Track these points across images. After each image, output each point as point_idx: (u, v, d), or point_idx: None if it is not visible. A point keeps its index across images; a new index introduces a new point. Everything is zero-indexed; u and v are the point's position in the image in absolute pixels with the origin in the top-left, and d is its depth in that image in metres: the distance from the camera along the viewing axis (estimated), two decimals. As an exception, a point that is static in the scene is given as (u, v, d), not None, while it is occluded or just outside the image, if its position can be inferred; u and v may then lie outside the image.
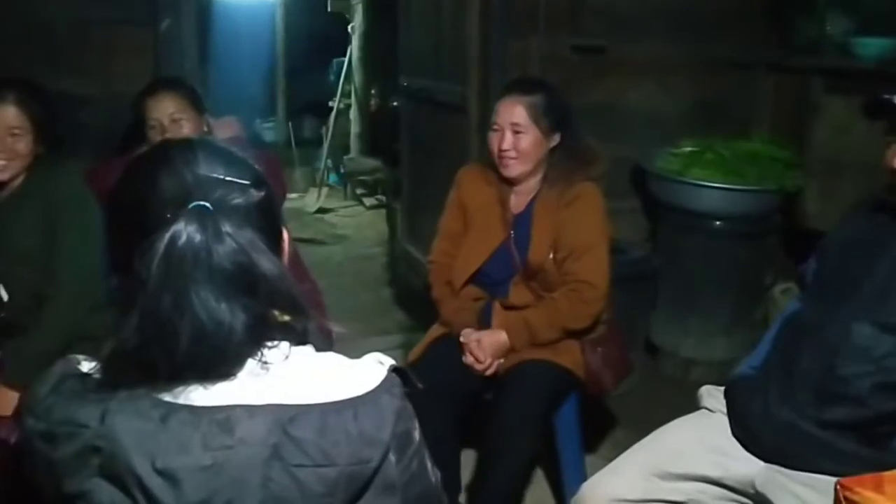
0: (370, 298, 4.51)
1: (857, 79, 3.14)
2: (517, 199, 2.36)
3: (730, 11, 3.55)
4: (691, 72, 3.58)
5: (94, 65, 2.91)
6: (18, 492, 0.97)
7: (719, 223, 3.27)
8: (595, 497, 1.80)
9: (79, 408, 0.91)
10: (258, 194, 0.97)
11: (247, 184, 0.97)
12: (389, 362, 1.02)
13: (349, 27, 7.13)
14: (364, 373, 0.98)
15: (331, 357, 1.00)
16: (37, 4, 2.83)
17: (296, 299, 0.97)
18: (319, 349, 1.01)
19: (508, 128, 2.25)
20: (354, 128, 7.38)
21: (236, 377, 0.93)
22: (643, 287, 3.26)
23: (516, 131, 2.25)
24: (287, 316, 0.98)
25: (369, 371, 0.99)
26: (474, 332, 2.28)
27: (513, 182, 2.33)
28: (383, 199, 6.41)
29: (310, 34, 8.24)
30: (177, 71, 2.80)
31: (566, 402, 2.34)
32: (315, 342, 1.01)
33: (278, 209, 1.04)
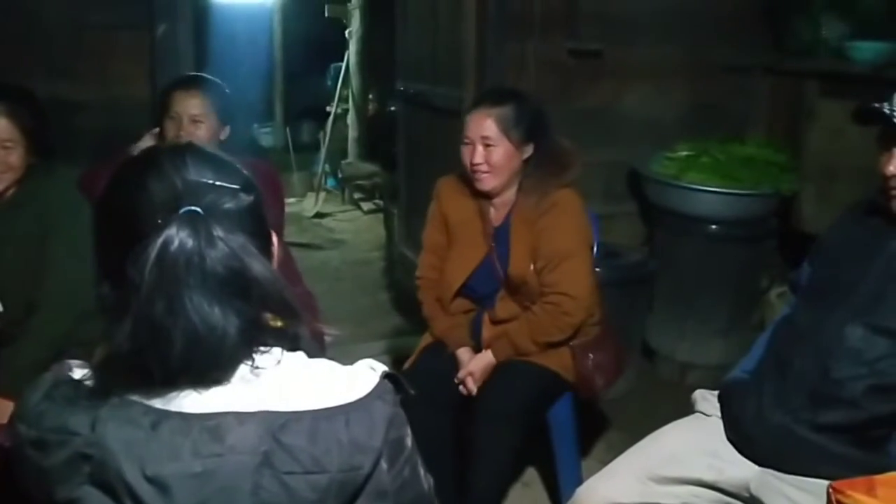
0: (368, 303, 4.51)
1: (852, 83, 3.14)
2: (496, 212, 2.33)
3: (725, 15, 3.56)
4: (687, 75, 3.59)
5: (90, 69, 2.92)
6: (10, 499, 0.97)
7: (715, 227, 3.28)
8: (590, 500, 1.81)
9: (70, 415, 0.91)
10: (248, 198, 0.97)
11: (236, 188, 0.97)
12: (382, 368, 1.01)
13: (346, 32, 7.14)
14: (356, 379, 0.98)
15: (322, 363, 1.00)
16: (33, 8, 2.83)
17: (288, 302, 0.97)
18: (312, 355, 1.01)
19: (479, 141, 2.21)
20: (352, 132, 7.39)
21: (229, 382, 0.93)
22: (640, 290, 3.26)
23: (487, 144, 2.20)
24: (280, 320, 0.98)
25: (361, 377, 0.98)
26: (468, 357, 2.28)
27: (489, 196, 2.30)
28: (381, 203, 6.41)
29: (307, 39, 8.26)
30: (172, 76, 2.80)
31: (559, 403, 2.35)
32: (307, 348, 1.01)
33: (267, 214, 1.03)
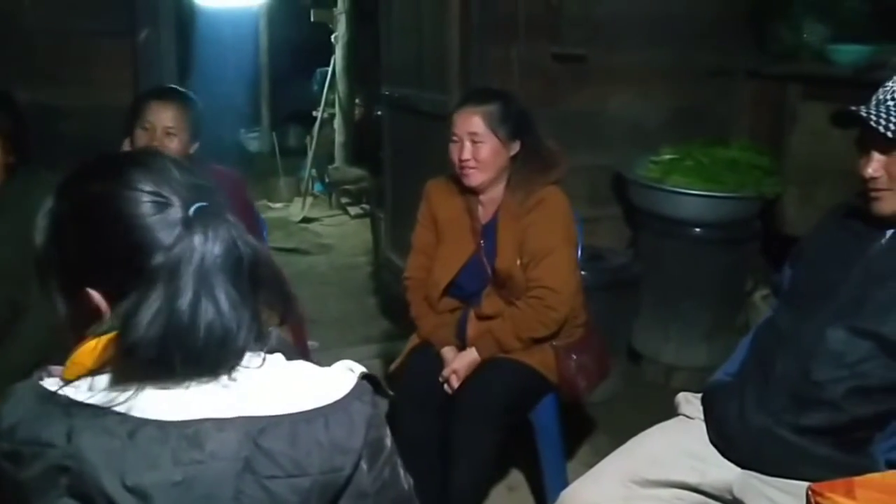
0: (355, 307, 4.50)
1: (834, 85, 3.16)
2: (484, 210, 2.37)
3: (708, 19, 3.57)
4: (670, 79, 3.60)
5: (73, 76, 2.90)
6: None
7: (699, 230, 3.29)
8: (574, 504, 1.81)
9: (44, 427, 0.90)
10: (223, 194, 1.01)
11: (209, 185, 1.00)
12: (360, 369, 1.01)
13: (332, 37, 7.12)
14: (334, 380, 0.98)
15: (300, 365, 1.00)
16: (15, 15, 2.82)
17: (285, 286, 1.01)
18: (289, 358, 1.00)
19: (467, 138, 2.26)
20: (339, 137, 7.37)
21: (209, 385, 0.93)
22: (625, 294, 3.26)
23: (474, 141, 2.25)
24: (275, 307, 1.00)
25: (339, 379, 0.98)
26: (452, 356, 2.30)
27: (478, 192, 2.34)
28: (368, 208, 6.40)
29: (293, 44, 8.23)
30: (156, 82, 2.79)
31: (543, 406, 2.36)
32: (284, 350, 1.01)
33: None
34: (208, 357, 0.91)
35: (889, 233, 1.65)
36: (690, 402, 1.88)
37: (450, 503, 2.14)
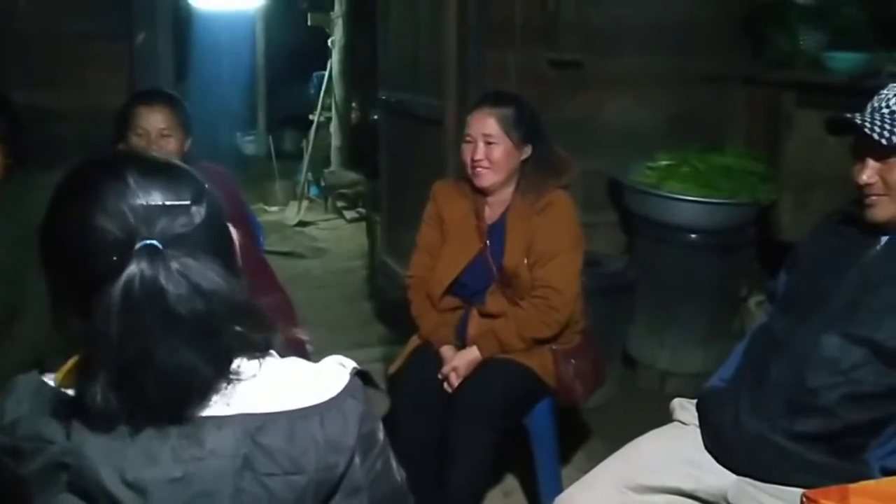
0: (350, 312, 4.50)
1: (829, 93, 3.17)
2: (491, 210, 2.40)
3: (704, 26, 3.58)
4: (667, 86, 3.61)
5: (69, 78, 2.91)
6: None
7: (695, 236, 3.30)
8: (569, 510, 1.81)
9: (45, 423, 0.91)
10: (200, 211, 0.93)
11: (187, 204, 0.93)
12: (351, 365, 1.03)
13: (329, 41, 7.13)
14: (327, 377, 0.99)
15: (293, 362, 1.01)
16: (10, 18, 2.82)
17: (257, 316, 0.96)
18: (282, 355, 1.01)
19: (481, 138, 2.30)
20: (335, 141, 7.38)
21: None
22: (621, 300, 3.27)
23: (488, 142, 2.29)
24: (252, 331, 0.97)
25: (332, 375, 0.99)
26: (451, 354, 2.31)
27: (486, 193, 2.37)
28: (364, 212, 6.40)
29: (290, 48, 8.25)
30: (152, 85, 2.79)
31: (539, 411, 2.36)
32: (278, 348, 1.01)
33: (225, 217, 0.99)
34: (163, 405, 0.88)
35: (883, 240, 1.66)
36: (685, 408, 1.88)
37: None
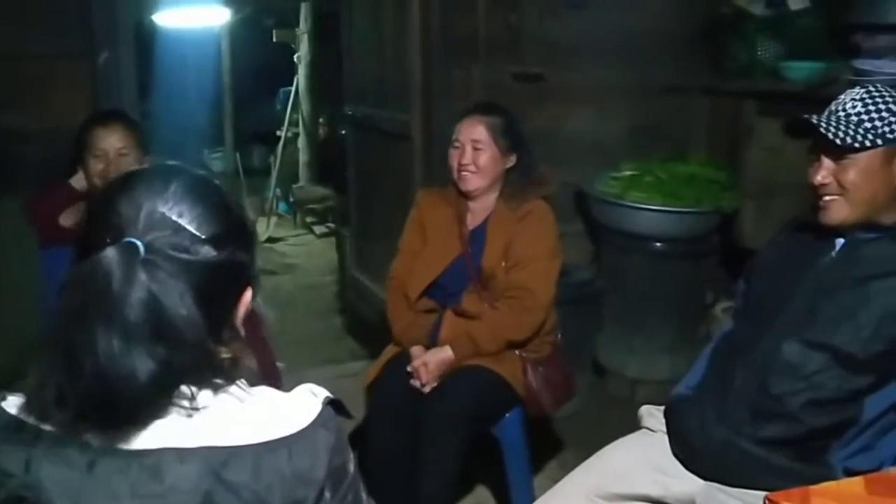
0: (321, 327, 4.49)
1: (788, 101, 3.22)
2: (474, 216, 2.46)
3: (664, 39, 3.62)
4: (629, 97, 3.65)
5: (31, 98, 2.86)
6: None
7: (660, 244, 3.34)
8: (540, 521, 1.82)
9: (3, 455, 0.89)
10: (211, 253, 0.94)
11: (201, 237, 0.93)
12: (324, 394, 1.00)
13: (295, 56, 7.13)
14: (297, 407, 0.97)
15: (263, 392, 0.98)
16: (-32, 38, 2.78)
17: (214, 364, 0.94)
18: (252, 383, 0.99)
19: (469, 144, 2.38)
20: (303, 156, 7.37)
21: (163, 418, 0.91)
22: (589, 309, 3.30)
23: (476, 147, 2.37)
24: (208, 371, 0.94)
25: (303, 405, 0.97)
26: (421, 353, 2.33)
27: (470, 197, 2.43)
28: (333, 226, 6.39)
29: (256, 64, 8.22)
30: (116, 104, 2.77)
31: (509, 421, 2.37)
32: (248, 378, 0.99)
33: (242, 284, 1.00)
34: (97, 402, 0.87)
35: (838, 244, 1.69)
36: (653, 416, 1.90)
37: None
